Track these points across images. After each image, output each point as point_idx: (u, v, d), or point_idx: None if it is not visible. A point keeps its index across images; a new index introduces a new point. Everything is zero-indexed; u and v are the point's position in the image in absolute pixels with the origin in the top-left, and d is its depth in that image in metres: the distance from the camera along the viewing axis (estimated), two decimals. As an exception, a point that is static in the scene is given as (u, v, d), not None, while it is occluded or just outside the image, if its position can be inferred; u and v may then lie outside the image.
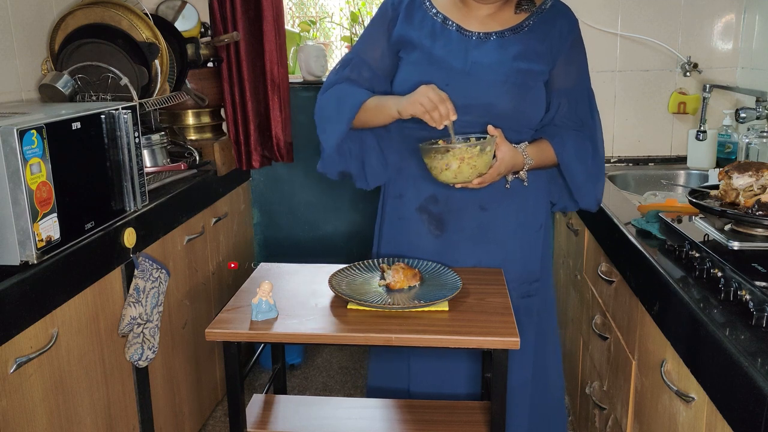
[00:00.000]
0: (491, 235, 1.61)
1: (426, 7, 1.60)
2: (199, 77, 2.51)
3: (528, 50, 1.53)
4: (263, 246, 2.98)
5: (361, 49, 1.63)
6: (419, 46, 1.56)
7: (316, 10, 3.33)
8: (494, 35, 1.55)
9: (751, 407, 0.91)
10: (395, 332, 1.27)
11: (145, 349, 1.75)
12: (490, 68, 1.52)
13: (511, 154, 1.48)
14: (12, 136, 1.31)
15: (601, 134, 1.63)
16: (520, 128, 1.57)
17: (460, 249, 1.61)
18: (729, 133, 2.31)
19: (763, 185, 1.34)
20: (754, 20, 2.29)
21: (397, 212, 1.67)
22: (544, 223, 1.67)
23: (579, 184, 1.60)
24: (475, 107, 1.52)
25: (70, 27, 2.07)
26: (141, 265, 1.76)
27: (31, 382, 1.38)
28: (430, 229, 1.62)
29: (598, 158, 1.61)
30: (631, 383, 1.57)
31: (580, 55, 1.61)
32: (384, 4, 1.65)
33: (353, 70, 1.62)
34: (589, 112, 1.61)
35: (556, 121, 1.59)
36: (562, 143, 1.56)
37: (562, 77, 1.58)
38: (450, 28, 1.56)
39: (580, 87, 1.60)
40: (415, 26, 1.58)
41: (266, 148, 2.70)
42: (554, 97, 1.59)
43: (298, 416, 1.50)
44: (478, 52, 1.54)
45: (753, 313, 1.06)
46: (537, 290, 1.67)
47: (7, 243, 1.36)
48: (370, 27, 1.65)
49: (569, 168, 1.57)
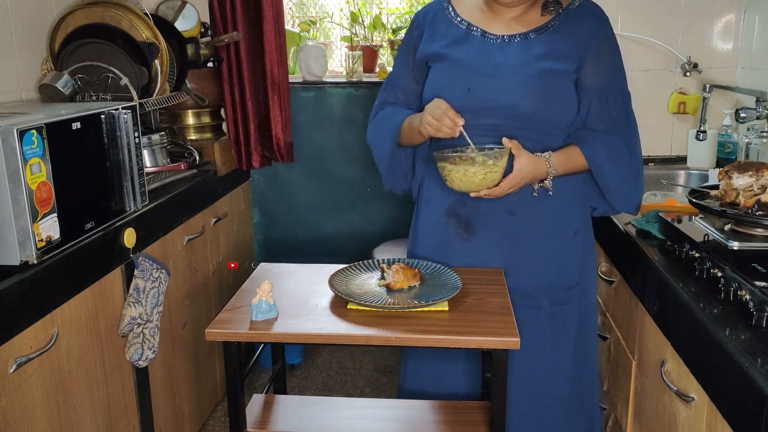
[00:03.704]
0: (520, 240, 1.57)
1: (450, 16, 1.60)
2: (199, 77, 2.51)
3: (552, 50, 1.51)
4: (263, 246, 2.98)
5: (394, 72, 1.72)
6: (444, 56, 1.57)
7: (316, 10, 3.33)
8: (518, 37, 1.54)
9: (751, 407, 0.91)
10: (395, 332, 1.27)
11: (145, 349, 1.75)
12: (512, 69, 1.51)
13: (532, 164, 1.46)
14: (12, 136, 1.31)
15: (637, 136, 1.59)
16: (548, 130, 1.54)
17: (490, 252, 1.58)
18: (729, 133, 2.31)
19: (763, 185, 1.34)
20: (754, 20, 2.29)
21: (426, 216, 1.68)
22: (582, 229, 1.61)
23: (612, 188, 1.56)
24: (499, 109, 1.51)
25: (70, 27, 2.07)
26: (141, 265, 1.76)
27: (31, 382, 1.38)
28: (459, 232, 1.60)
29: (634, 161, 1.57)
30: (631, 383, 1.57)
31: (611, 53, 1.57)
32: (411, 24, 1.69)
33: (389, 92, 1.71)
34: (624, 113, 1.57)
35: (589, 123, 1.56)
36: (593, 147, 1.53)
37: (591, 76, 1.54)
38: (474, 34, 1.56)
39: (612, 86, 1.56)
40: (439, 38, 1.59)
41: (266, 148, 2.70)
42: (584, 97, 1.55)
43: (298, 416, 1.50)
44: (500, 54, 1.53)
45: (753, 313, 1.06)
46: (573, 297, 1.60)
47: (7, 243, 1.36)
48: (399, 50, 1.72)
49: (602, 172, 1.54)
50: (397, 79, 1.70)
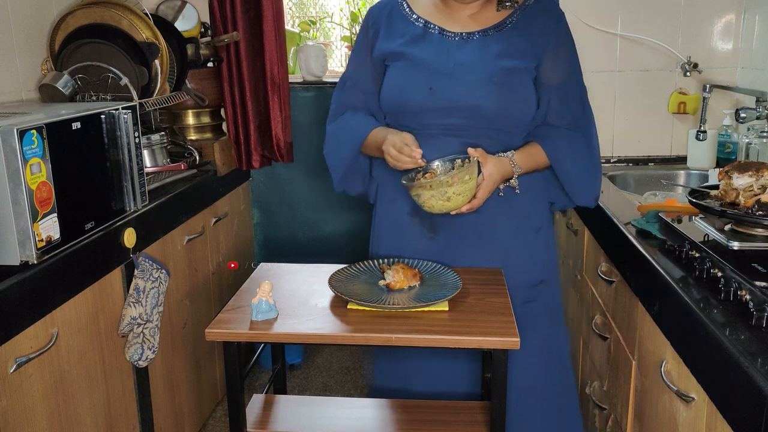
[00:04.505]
0: (486, 238, 1.59)
1: (406, 13, 1.58)
2: (199, 77, 2.50)
3: (511, 47, 1.51)
4: (263, 246, 2.98)
5: (350, 72, 1.67)
6: (402, 54, 1.55)
7: (316, 10, 3.33)
8: (477, 34, 1.53)
9: (751, 407, 0.91)
10: (395, 332, 1.27)
11: (145, 349, 1.75)
12: (472, 68, 1.50)
13: (498, 167, 1.47)
14: (12, 136, 1.31)
15: (594, 130, 1.61)
16: (510, 128, 1.55)
17: (456, 252, 1.59)
18: (729, 133, 2.31)
19: (763, 185, 1.34)
20: (754, 20, 2.29)
21: (390, 216, 1.66)
22: (543, 225, 1.65)
23: (574, 183, 1.59)
24: (461, 109, 1.50)
25: (70, 27, 2.07)
26: (141, 265, 1.76)
27: (31, 382, 1.38)
28: (424, 232, 1.60)
29: (593, 155, 1.60)
30: (631, 383, 1.57)
31: (568, 50, 1.58)
32: (364, 23, 1.65)
33: (348, 93, 1.67)
34: (581, 108, 1.59)
35: (549, 120, 1.57)
36: (554, 145, 1.54)
37: (549, 73, 1.55)
38: (432, 32, 1.55)
39: (570, 83, 1.57)
40: (396, 36, 1.57)
41: (266, 148, 2.70)
42: (543, 94, 1.56)
43: (298, 416, 1.50)
44: (460, 52, 1.52)
45: (753, 313, 1.06)
46: (540, 294, 1.63)
47: (7, 243, 1.36)
48: (355, 49, 1.68)
49: (563, 169, 1.56)
50: (354, 80, 1.66)
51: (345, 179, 1.69)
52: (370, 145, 1.59)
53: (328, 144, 1.68)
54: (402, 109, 1.56)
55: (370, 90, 1.64)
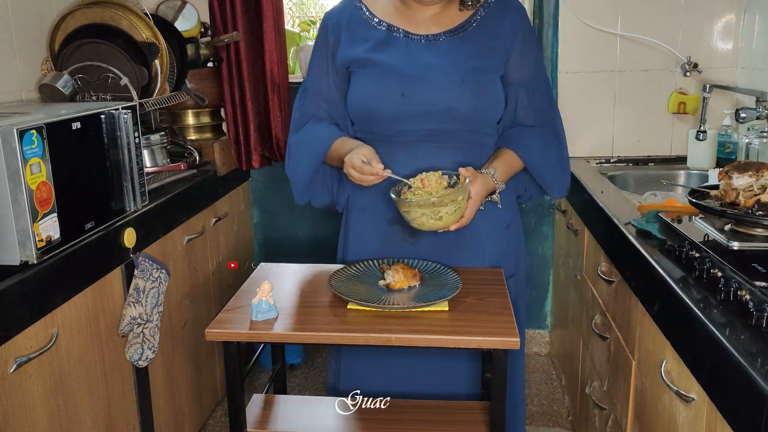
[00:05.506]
0: (465, 239, 1.58)
1: (367, 17, 1.55)
2: (199, 77, 2.51)
3: (480, 47, 1.50)
4: (263, 246, 2.98)
5: (312, 80, 1.62)
6: (369, 60, 1.51)
7: (316, 10, 3.33)
8: (443, 35, 1.52)
9: (751, 407, 0.91)
10: (395, 332, 1.27)
11: (145, 349, 1.75)
12: (444, 70, 1.48)
13: (484, 186, 1.47)
14: (12, 136, 1.31)
15: (561, 121, 1.62)
16: (484, 129, 1.55)
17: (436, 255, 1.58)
18: (729, 133, 2.31)
19: (763, 185, 1.34)
20: (754, 20, 2.29)
21: (361, 225, 1.64)
22: (512, 221, 1.66)
23: (547, 179, 1.60)
24: (435, 113, 1.49)
25: (70, 27, 2.07)
26: (141, 265, 1.76)
27: (31, 382, 1.38)
28: (405, 238, 1.59)
29: (561, 148, 1.61)
30: (631, 383, 1.57)
31: (532, 45, 1.57)
32: (323, 30, 1.60)
33: (311, 102, 1.62)
34: (548, 102, 1.59)
35: (518, 116, 1.57)
36: (527, 148, 1.55)
37: (517, 69, 1.54)
38: (397, 35, 1.52)
39: (536, 77, 1.57)
40: (359, 41, 1.54)
41: (266, 148, 2.70)
42: (511, 91, 1.55)
43: (298, 416, 1.50)
44: (429, 55, 1.50)
45: (753, 313, 1.06)
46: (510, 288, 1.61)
47: (7, 243, 1.36)
48: (314, 56, 1.62)
49: (537, 169, 1.58)
50: (316, 88, 1.61)
51: (307, 191, 1.65)
52: (333, 156, 1.55)
53: (289, 156, 1.62)
54: (374, 117, 1.53)
55: (333, 98, 1.60)
